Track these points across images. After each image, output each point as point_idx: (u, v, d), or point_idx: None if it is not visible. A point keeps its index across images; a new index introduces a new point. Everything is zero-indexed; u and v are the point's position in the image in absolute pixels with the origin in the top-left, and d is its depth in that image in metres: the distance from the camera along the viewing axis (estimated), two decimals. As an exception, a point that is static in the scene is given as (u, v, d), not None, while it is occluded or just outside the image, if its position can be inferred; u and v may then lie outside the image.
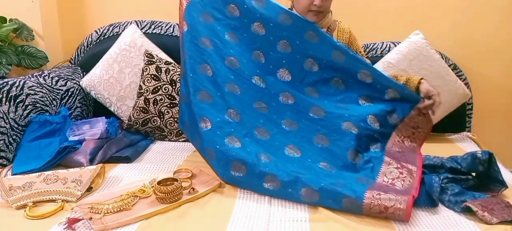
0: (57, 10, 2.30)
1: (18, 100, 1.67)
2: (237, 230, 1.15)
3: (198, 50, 1.52)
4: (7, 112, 1.63)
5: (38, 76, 1.87)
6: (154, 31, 2.22)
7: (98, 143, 1.69)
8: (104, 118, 1.87)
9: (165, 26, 2.23)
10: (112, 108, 2.06)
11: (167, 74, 1.95)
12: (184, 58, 1.54)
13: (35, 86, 1.77)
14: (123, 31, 2.16)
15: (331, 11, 1.68)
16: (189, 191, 1.33)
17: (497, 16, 2.13)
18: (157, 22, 2.25)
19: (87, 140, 1.71)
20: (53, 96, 1.87)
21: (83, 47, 2.28)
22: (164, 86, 1.94)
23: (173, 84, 1.94)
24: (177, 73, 1.94)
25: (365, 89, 1.56)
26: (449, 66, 2.05)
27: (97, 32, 2.27)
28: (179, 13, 1.59)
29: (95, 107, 2.18)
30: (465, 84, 2.06)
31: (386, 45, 2.12)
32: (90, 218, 1.15)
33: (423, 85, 1.52)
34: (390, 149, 1.52)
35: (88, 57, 2.22)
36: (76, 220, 1.16)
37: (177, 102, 1.91)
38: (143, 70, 1.97)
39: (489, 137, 2.15)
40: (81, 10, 2.38)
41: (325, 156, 1.47)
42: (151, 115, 1.92)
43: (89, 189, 1.37)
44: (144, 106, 1.92)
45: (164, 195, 1.26)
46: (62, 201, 1.28)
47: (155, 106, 1.92)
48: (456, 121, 2.10)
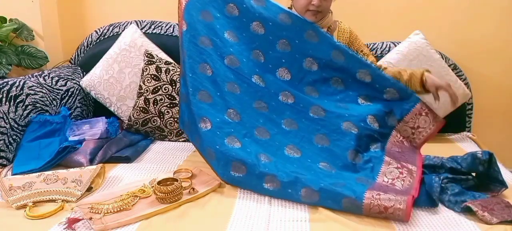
0: (57, 10, 2.30)
1: (18, 100, 1.67)
2: (237, 230, 1.14)
3: (197, 50, 1.52)
4: (7, 112, 1.63)
5: (38, 76, 1.87)
6: (154, 31, 2.22)
7: (98, 143, 1.69)
8: (104, 118, 1.87)
9: (165, 26, 2.23)
10: (112, 108, 2.06)
11: (167, 74, 1.95)
12: (183, 58, 1.53)
13: (35, 86, 1.77)
14: (123, 31, 2.16)
15: (331, 11, 1.68)
16: (189, 191, 1.33)
17: (497, 16, 2.13)
18: (157, 22, 2.25)
19: (87, 140, 1.71)
20: (53, 96, 1.87)
21: (83, 47, 2.28)
22: (164, 86, 1.94)
23: (173, 84, 1.94)
24: (177, 73, 1.94)
25: (364, 89, 1.56)
26: (449, 66, 2.05)
27: (97, 32, 2.27)
28: (178, 12, 1.58)
29: (95, 107, 2.18)
30: (465, 84, 2.06)
31: (386, 45, 2.12)
32: (90, 218, 1.15)
33: (428, 82, 1.51)
34: (390, 149, 1.52)
35: (88, 57, 2.22)
36: (76, 220, 1.16)
37: (177, 102, 1.91)
38: (143, 70, 1.97)
39: (489, 137, 2.15)
40: (81, 10, 2.38)
41: (325, 156, 1.47)
42: (151, 115, 1.92)
43: (89, 189, 1.37)
44: (144, 106, 1.92)
45: (164, 195, 1.26)
46: (62, 201, 1.27)
47: (155, 106, 1.92)
48: (456, 121, 2.10)
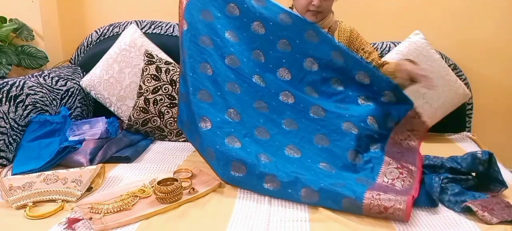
0: (57, 10, 2.30)
1: (18, 100, 1.67)
2: (237, 230, 1.15)
3: (198, 49, 1.52)
4: (7, 112, 1.63)
5: (38, 76, 1.87)
6: (154, 31, 2.21)
7: (98, 143, 1.69)
8: (104, 118, 1.87)
9: (165, 26, 2.23)
10: (112, 108, 2.06)
11: (167, 74, 1.95)
12: (183, 57, 1.53)
13: (35, 86, 1.77)
14: (123, 31, 2.15)
15: (333, 12, 1.68)
16: (189, 191, 1.33)
17: (497, 16, 2.13)
18: (157, 22, 2.25)
19: (87, 140, 1.70)
20: (53, 96, 1.87)
21: (83, 47, 2.28)
22: (164, 86, 1.94)
23: (173, 84, 1.94)
24: (177, 73, 1.94)
25: (363, 90, 1.57)
26: (449, 66, 2.04)
27: (97, 32, 2.27)
28: (178, 12, 1.58)
29: (95, 107, 2.18)
30: (465, 84, 2.06)
31: (386, 45, 2.12)
32: (90, 218, 1.15)
33: (399, 73, 1.56)
34: (390, 150, 1.52)
35: (88, 57, 2.22)
36: (76, 220, 1.16)
37: (177, 103, 1.91)
38: (143, 70, 1.97)
39: (489, 137, 2.15)
40: (81, 10, 2.38)
41: (325, 156, 1.47)
42: (151, 115, 1.92)
43: (89, 189, 1.37)
44: (144, 106, 1.92)
45: (164, 195, 1.26)
46: (62, 201, 1.27)
47: (155, 106, 1.92)
48: (456, 121, 2.10)
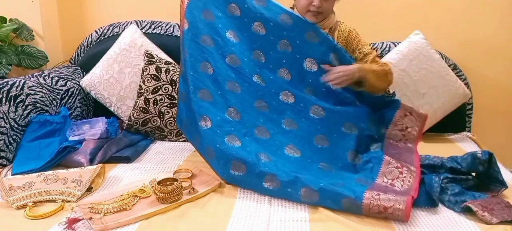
0: (57, 10, 2.30)
1: (18, 100, 1.67)
2: (237, 230, 1.15)
3: (198, 48, 1.52)
4: (7, 112, 1.63)
5: (38, 76, 1.87)
6: (154, 31, 2.21)
7: (98, 143, 1.69)
8: (104, 118, 1.87)
9: (165, 26, 2.23)
10: (112, 108, 2.06)
11: (167, 74, 1.95)
12: (184, 57, 1.53)
13: (35, 86, 1.77)
14: (123, 31, 2.15)
15: (334, 12, 1.68)
16: (189, 191, 1.33)
17: (497, 16, 2.13)
18: (157, 22, 2.24)
19: (87, 140, 1.70)
20: (53, 96, 1.87)
21: (83, 47, 2.28)
22: (164, 86, 1.94)
23: (173, 85, 1.94)
24: (177, 73, 1.94)
25: (357, 93, 1.59)
26: (449, 66, 2.04)
27: (97, 32, 2.27)
28: (180, 11, 1.58)
29: (95, 107, 2.18)
30: (465, 84, 2.06)
31: (386, 45, 2.12)
32: (90, 218, 1.15)
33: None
34: (388, 152, 1.53)
35: (88, 57, 2.22)
36: (76, 220, 1.16)
37: (177, 103, 1.91)
38: (143, 70, 1.97)
39: (489, 137, 2.15)
40: (81, 10, 2.38)
41: (324, 156, 1.47)
42: (151, 115, 1.92)
43: (89, 189, 1.37)
44: (144, 106, 1.92)
45: (164, 195, 1.26)
46: (62, 201, 1.27)
47: (155, 106, 1.92)
48: (456, 121, 2.10)
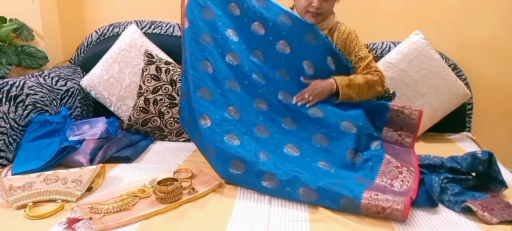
0: (57, 10, 2.30)
1: (18, 100, 1.67)
2: (237, 230, 1.15)
3: (198, 47, 1.52)
4: (7, 112, 1.63)
5: (38, 76, 1.87)
6: (154, 31, 2.21)
7: (98, 143, 1.69)
8: (104, 118, 1.87)
9: (165, 26, 2.23)
10: (112, 108, 2.06)
11: (167, 74, 1.95)
12: (185, 55, 1.54)
13: (35, 86, 1.77)
14: (123, 31, 2.15)
15: (334, 13, 1.68)
16: (189, 191, 1.33)
17: (497, 16, 2.13)
18: (157, 22, 2.25)
19: (87, 140, 1.70)
20: (53, 96, 1.87)
21: (83, 47, 2.28)
22: (164, 86, 1.94)
23: (173, 84, 1.94)
24: (177, 73, 1.94)
25: None
26: (449, 66, 2.04)
27: (97, 32, 2.27)
28: (180, 10, 1.59)
29: (95, 107, 2.18)
30: (465, 84, 2.06)
31: (386, 45, 2.12)
32: (90, 218, 1.16)
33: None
34: (387, 152, 1.53)
35: (88, 57, 2.22)
36: (76, 220, 1.16)
37: (177, 103, 1.91)
38: (143, 70, 1.97)
39: (489, 137, 2.15)
40: (81, 10, 2.38)
41: (324, 155, 1.48)
42: (151, 115, 1.92)
43: (89, 189, 1.37)
44: (144, 106, 1.92)
45: (164, 195, 1.26)
46: (62, 201, 1.28)
47: (155, 106, 1.92)
48: (456, 121, 2.10)
